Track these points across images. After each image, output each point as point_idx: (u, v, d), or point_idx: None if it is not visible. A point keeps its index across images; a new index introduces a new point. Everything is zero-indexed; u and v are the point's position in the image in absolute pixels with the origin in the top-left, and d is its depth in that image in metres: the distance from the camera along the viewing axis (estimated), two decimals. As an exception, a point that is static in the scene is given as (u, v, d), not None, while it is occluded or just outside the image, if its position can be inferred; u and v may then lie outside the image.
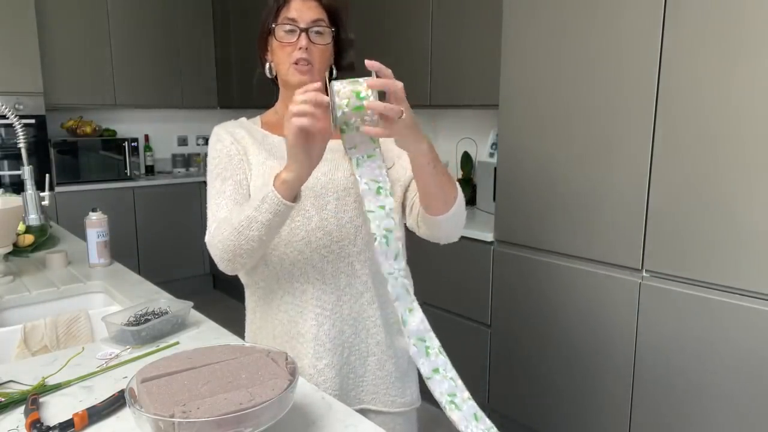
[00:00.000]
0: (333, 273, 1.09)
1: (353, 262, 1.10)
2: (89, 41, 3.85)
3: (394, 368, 1.17)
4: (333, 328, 1.10)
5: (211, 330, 1.23)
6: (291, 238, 1.07)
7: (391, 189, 0.95)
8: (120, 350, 1.10)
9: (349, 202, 1.08)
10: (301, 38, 1.06)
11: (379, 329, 1.14)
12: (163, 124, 4.52)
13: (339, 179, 1.08)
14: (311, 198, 1.06)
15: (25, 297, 1.47)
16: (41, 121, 3.56)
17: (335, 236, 1.08)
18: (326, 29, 1.09)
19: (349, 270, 1.10)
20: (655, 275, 1.76)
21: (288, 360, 0.85)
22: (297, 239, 1.07)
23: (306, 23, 1.07)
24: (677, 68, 1.63)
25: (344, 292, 1.11)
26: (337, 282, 1.10)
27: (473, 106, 2.69)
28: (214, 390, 0.75)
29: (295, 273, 1.09)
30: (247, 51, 4.11)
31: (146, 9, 4.07)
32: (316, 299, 1.09)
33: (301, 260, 1.08)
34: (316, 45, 1.07)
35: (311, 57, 1.07)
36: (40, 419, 0.82)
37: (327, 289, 1.09)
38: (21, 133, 1.47)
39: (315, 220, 1.07)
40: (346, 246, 1.09)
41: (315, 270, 1.08)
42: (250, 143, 1.12)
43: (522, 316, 2.17)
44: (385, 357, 1.15)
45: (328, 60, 1.12)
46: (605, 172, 1.83)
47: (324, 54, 1.10)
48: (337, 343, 1.11)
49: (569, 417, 2.05)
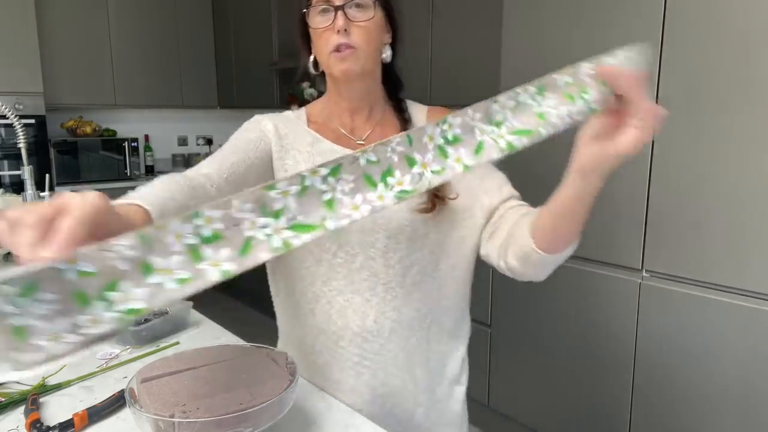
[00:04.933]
0: (376, 319, 0.94)
1: (400, 306, 0.95)
2: (89, 41, 3.85)
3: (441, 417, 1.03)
4: (374, 378, 0.96)
5: (211, 330, 1.23)
6: (330, 275, 0.94)
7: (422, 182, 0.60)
8: (120, 350, 1.10)
9: (402, 240, 0.93)
10: (337, 18, 0.87)
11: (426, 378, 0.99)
12: (163, 124, 4.51)
13: (392, 216, 0.93)
14: (358, 234, 0.92)
15: (25, 297, 1.47)
16: (41, 121, 3.56)
17: (381, 278, 0.93)
18: (368, 1, 0.88)
19: (395, 316, 0.95)
20: (655, 275, 1.76)
21: (288, 360, 0.85)
22: (338, 277, 0.94)
23: (341, 1, 0.87)
24: (677, 68, 1.63)
25: (388, 339, 0.95)
26: (382, 330, 0.94)
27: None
28: (214, 390, 0.75)
29: (332, 314, 0.95)
30: (247, 51, 4.11)
31: (146, 9, 4.07)
32: (356, 346, 0.95)
33: (341, 301, 0.94)
34: (357, 23, 0.88)
35: (352, 39, 0.87)
36: (40, 419, 0.82)
37: (369, 337, 0.94)
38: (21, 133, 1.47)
39: (360, 259, 0.93)
40: (393, 288, 0.94)
41: (356, 314, 0.94)
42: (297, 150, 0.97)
43: (522, 316, 2.17)
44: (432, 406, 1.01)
45: (378, 39, 0.92)
46: (605, 172, 1.83)
47: (370, 33, 0.89)
48: (378, 394, 0.97)
49: (569, 417, 2.05)
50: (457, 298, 1.01)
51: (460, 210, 0.95)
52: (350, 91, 0.96)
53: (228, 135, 1.00)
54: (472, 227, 0.96)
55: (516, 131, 0.62)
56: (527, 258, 0.82)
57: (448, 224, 0.96)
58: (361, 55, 0.89)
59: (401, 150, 0.58)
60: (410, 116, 1.01)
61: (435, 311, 0.98)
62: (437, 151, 0.60)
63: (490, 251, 0.93)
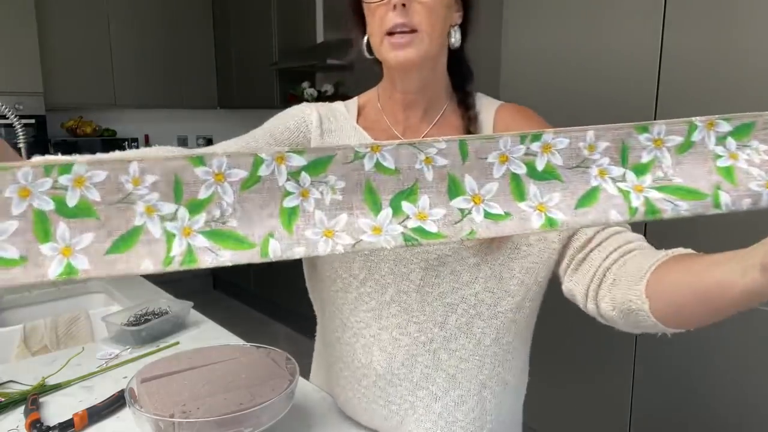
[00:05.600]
0: (404, 362, 0.77)
1: (437, 349, 0.77)
2: (89, 41, 3.85)
3: None
4: (401, 426, 0.80)
5: (211, 330, 1.23)
6: (357, 306, 0.79)
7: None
8: (120, 350, 1.10)
9: (444, 274, 0.75)
10: None
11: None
12: (163, 124, 4.51)
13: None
14: (390, 262, 0.76)
15: (25, 297, 1.47)
16: (41, 121, 3.56)
17: (415, 316, 0.76)
18: None
19: (429, 362, 0.77)
20: (655, 275, 1.75)
21: (288, 360, 0.85)
22: (364, 309, 0.79)
23: None
24: (677, 68, 1.63)
25: (419, 387, 0.78)
26: (411, 375, 0.78)
27: (473, 106, 2.68)
28: (214, 390, 0.75)
29: (357, 348, 0.80)
30: (247, 51, 4.11)
31: (146, 9, 4.07)
32: (380, 389, 0.79)
33: (366, 336, 0.79)
34: (415, 3, 0.70)
35: (412, 19, 0.70)
36: (40, 419, 0.82)
37: (394, 381, 0.78)
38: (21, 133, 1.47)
39: (390, 292, 0.77)
40: (429, 329, 0.76)
41: (383, 353, 0.78)
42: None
43: (522, 316, 2.17)
44: None
45: (445, 20, 0.73)
46: (605, 172, 1.83)
47: (435, 12, 0.71)
48: None
49: (569, 417, 2.05)
50: (518, 344, 0.83)
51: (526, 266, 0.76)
52: (406, 81, 0.78)
53: (228, 135, 0.94)
54: (542, 254, 0.76)
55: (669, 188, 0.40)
56: (633, 318, 0.64)
57: (510, 252, 0.75)
58: (424, 39, 0.71)
59: (444, 164, 0.36)
60: (477, 115, 0.81)
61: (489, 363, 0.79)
62: (509, 181, 0.37)
63: (575, 290, 0.74)
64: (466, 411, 0.79)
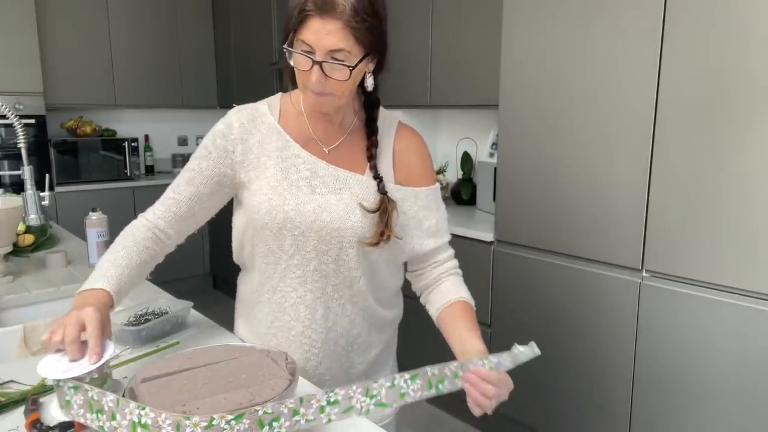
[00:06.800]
0: (324, 314, 1.07)
1: (345, 303, 1.08)
2: (89, 41, 3.85)
3: None
4: (321, 365, 1.10)
5: (211, 330, 1.23)
6: (286, 274, 1.05)
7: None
8: (120, 350, 1.10)
9: (351, 255, 1.03)
10: (314, 71, 0.89)
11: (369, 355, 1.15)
12: (163, 124, 4.51)
13: (347, 228, 1.00)
14: (314, 241, 1.01)
15: (25, 297, 1.47)
16: (41, 121, 3.56)
17: (331, 280, 1.05)
18: (343, 65, 0.88)
19: (339, 309, 1.08)
20: (655, 275, 1.76)
21: (288, 360, 0.85)
22: (292, 276, 1.05)
23: (322, 54, 0.87)
24: (677, 68, 1.63)
25: (331, 330, 1.08)
26: (326, 322, 1.08)
27: (473, 106, 2.69)
28: (214, 390, 0.75)
29: (286, 307, 1.07)
30: (247, 51, 4.11)
31: (146, 9, 4.07)
32: (306, 337, 1.07)
33: (293, 296, 1.06)
34: (333, 79, 0.90)
35: (326, 89, 0.91)
36: (40, 419, 0.82)
37: (317, 328, 1.07)
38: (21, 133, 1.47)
39: (314, 264, 1.03)
40: (342, 290, 1.06)
41: (307, 309, 1.06)
42: (266, 155, 1.02)
43: (522, 316, 2.17)
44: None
45: (352, 87, 0.95)
46: (605, 172, 1.83)
47: (348, 84, 0.92)
48: (323, 380, 1.10)
49: (569, 417, 2.05)
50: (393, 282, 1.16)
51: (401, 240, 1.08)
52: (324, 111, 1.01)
53: (228, 135, 0.99)
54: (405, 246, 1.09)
55: (378, 403, 0.79)
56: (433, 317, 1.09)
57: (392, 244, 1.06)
58: (338, 100, 0.95)
59: (292, 406, 0.72)
60: (378, 142, 1.04)
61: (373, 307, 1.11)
62: (318, 408, 0.74)
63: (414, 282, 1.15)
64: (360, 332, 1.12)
